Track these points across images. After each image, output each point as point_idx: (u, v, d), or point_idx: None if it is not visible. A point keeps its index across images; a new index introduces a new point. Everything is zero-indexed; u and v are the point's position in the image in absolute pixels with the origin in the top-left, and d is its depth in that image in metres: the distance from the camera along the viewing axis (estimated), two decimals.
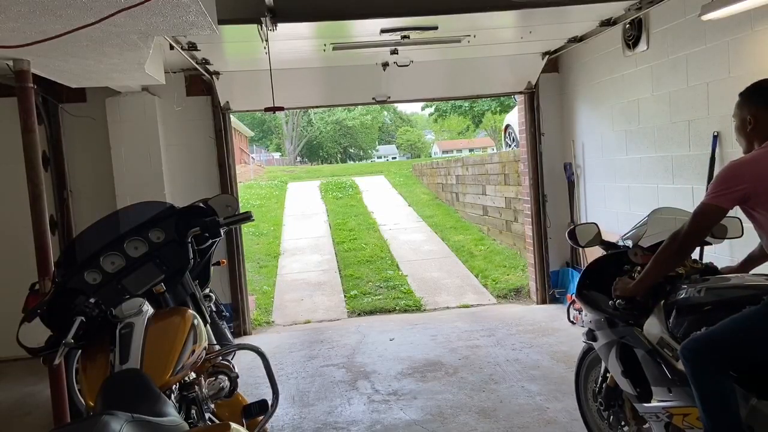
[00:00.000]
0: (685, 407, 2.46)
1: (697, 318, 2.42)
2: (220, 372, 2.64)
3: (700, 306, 2.45)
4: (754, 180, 2.28)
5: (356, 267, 9.76)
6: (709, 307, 2.41)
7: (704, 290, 2.47)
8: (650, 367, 2.61)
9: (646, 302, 2.67)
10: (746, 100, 2.53)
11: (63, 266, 2.83)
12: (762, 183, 2.27)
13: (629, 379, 2.75)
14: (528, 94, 6.67)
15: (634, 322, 2.70)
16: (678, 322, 2.48)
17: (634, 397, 2.76)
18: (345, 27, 4.80)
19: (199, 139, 6.23)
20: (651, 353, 2.59)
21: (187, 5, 2.74)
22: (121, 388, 2.00)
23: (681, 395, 2.47)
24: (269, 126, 48.50)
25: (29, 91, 3.55)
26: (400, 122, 55.00)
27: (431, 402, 4.29)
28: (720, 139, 4.25)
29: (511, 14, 4.68)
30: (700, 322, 2.40)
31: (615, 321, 2.81)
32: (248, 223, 3.26)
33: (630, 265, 2.83)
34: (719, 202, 2.32)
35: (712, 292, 2.44)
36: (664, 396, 2.56)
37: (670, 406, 2.53)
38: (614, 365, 2.85)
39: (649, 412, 2.67)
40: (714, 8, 3.73)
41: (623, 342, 2.77)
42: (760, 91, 2.51)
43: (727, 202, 2.32)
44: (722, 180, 2.35)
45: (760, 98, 2.48)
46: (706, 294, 2.45)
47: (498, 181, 10.39)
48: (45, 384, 3.92)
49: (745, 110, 2.51)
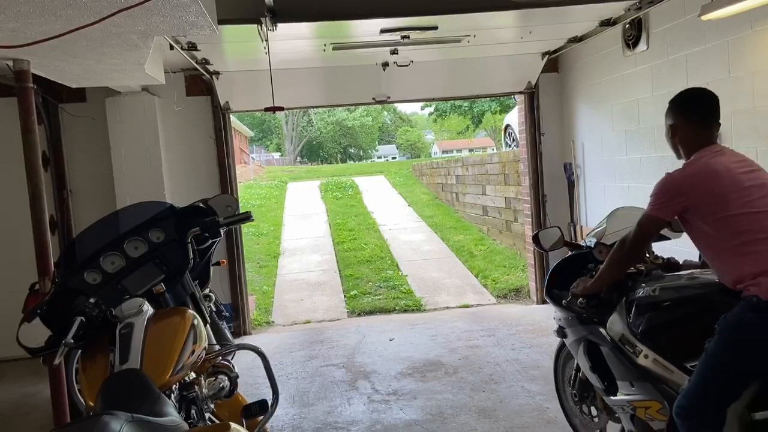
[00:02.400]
0: (646, 400, 2.56)
1: (654, 315, 2.54)
2: (220, 372, 2.64)
3: (656, 304, 2.56)
4: (697, 193, 2.37)
5: (356, 267, 9.76)
6: (665, 304, 2.53)
7: (659, 289, 2.58)
8: (614, 363, 2.71)
9: (610, 299, 2.77)
10: (670, 109, 2.64)
11: (63, 266, 2.83)
12: (705, 196, 2.35)
13: (597, 374, 2.85)
14: (528, 94, 6.67)
15: (599, 320, 2.81)
16: (637, 320, 2.60)
17: (602, 390, 2.86)
18: (345, 27, 4.80)
19: (199, 139, 6.23)
20: (614, 350, 2.69)
21: (187, 5, 2.74)
22: (121, 388, 2.00)
23: (642, 389, 2.57)
24: (269, 126, 48.50)
25: (29, 91, 3.55)
26: (400, 122, 54.98)
27: (431, 402, 4.29)
28: (720, 139, 4.23)
29: (511, 14, 4.68)
30: (656, 318, 2.53)
31: (582, 319, 2.91)
32: (248, 223, 3.26)
33: (594, 263, 2.97)
34: (660, 214, 2.44)
35: (666, 290, 2.56)
36: (627, 390, 2.67)
37: (633, 399, 2.64)
38: (583, 361, 2.96)
39: (616, 405, 2.79)
40: (714, 8, 3.73)
41: (589, 339, 2.88)
42: (683, 102, 2.62)
43: (668, 214, 2.43)
44: (663, 193, 2.44)
45: (681, 109, 2.62)
46: (661, 292, 2.56)
47: (498, 181, 10.38)
48: (45, 384, 3.92)
49: (669, 119, 2.63)
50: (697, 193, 2.36)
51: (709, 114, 2.58)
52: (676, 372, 2.43)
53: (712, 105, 2.61)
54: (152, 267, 2.68)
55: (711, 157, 2.45)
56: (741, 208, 2.30)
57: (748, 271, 2.25)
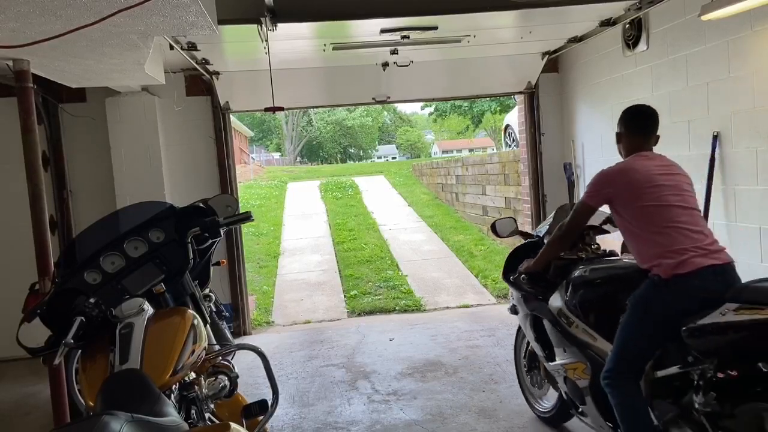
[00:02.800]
0: (575, 363, 3.10)
1: (584, 292, 3.05)
2: (220, 372, 2.64)
3: (586, 282, 3.06)
4: (619, 186, 2.83)
5: (356, 267, 9.76)
6: (593, 282, 3.05)
7: (589, 270, 3.10)
8: (553, 333, 3.25)
9: (555, 281, 3.25)
10: (619, 120, 3.07)
11: (63, 266, 2.83)
12: (624, 189, 2.81)
13: (540, 344, 3.44)
14: (528, 94, 6.67)
15: (543, 298, 3.32)
16: (572, 296, 3.09)
17: (543, 357, 3.43)
18: (345, 27, 4.80)
19: (199, 139, 6.23)
20: (553, 322, 3.22)
21: (187, 5, 2.74)
22: (121, 388, 1.99)
23: (572, 354, 3.11)
24: (269, 126, 48.50)
25: (29, 91, 3.55)
26: (400, 122, 54.98)
27: (431, 402, 4.29)
28: (720, 139, 4.25)
29: (511, 14, 4.68)
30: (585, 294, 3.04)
31: (529, 297, 3.46)
32: (248, 223, 3.26)
33: None
34: (590, 202, 2.92)
35: (595, 271, 3.09)
36: (561, 355, 3.23)
37: (565, 362, 3.19)
38: (529, 333, 3.54)
39: (553, 369, 3.33)
40: (714, 8, 3.74)
41: (535, 314, 3.43)
42: (628, 116, 3.04)
43: (596, 202, 2.92)
44: (595, 184, 2.92)
45: (626, 122, 3.03)
46: (591, 272, 3.08)
47: (498, 181, 10.38)
48: (45, 384, 3.92)
49: (617, 128, 3.08)
50: (618, 186, 2.83)
51: (647, 127, 3.00)
52: (599, 339, 2.92)
53: (652, 120, 3.01)
54: (152, 267, 2.68)
55: (637, 160, 2.91)
56: (652, 201, 2.75)
57: (653, 253, 2.69)
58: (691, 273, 2.59)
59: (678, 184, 2.86)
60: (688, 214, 2.77)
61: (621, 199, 2.83)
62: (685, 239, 2.68)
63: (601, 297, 3.02)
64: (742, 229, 4.14)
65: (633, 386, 2.68)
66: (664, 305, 2.61)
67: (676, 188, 2.82)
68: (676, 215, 2.73)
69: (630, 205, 2.81)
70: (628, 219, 2.82)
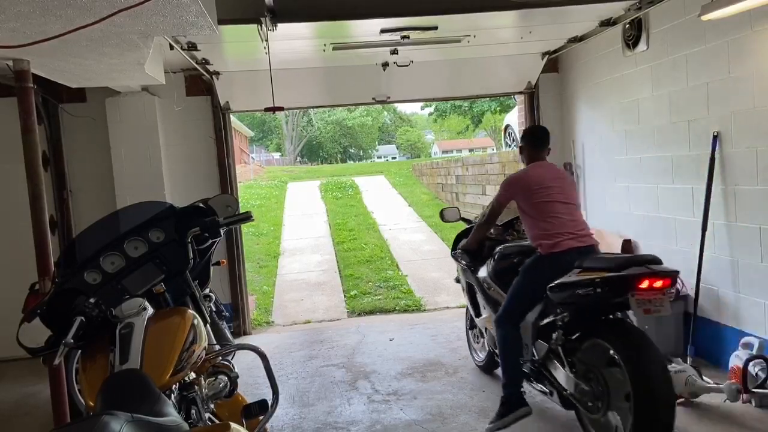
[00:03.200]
0: (489, 317, 4.16)
1: (498, 263, 4.14)
2: (220, 372, 2.63)
3: (501, 257, 4.14)
4: (518, 189, 3.83)
5: (356, 267, 9.76)
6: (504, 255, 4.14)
7: (504, 248, 4.18)
8: (479, 296, 4.36)
9: (486, 256, 4.30)
10: (521, 138, 4.12)
11: (63, 266, 2.82)
12: (521, 190, 3.80)
13: (472, 305, 4.58)
14: (528, 94, 6.67)
15: (475, 270, 4.40)
16: (492, 267, 4.18)
17: (473, 315, 4.56)
18: (345, 27, 4.80)
19: (199, 139, 6.23)
20: (480, 288, 4.32)
21: (187, 5, 2.74)
22: (121, 388, 1.99)
23: (488, 311, 4.20)
24: (269, 126, 48.51)
25: (29, 91, 3.55)
26: (400, 122, 54.97)
27: (431, 402, 4.29)
28: (720, 139, 4.25)
29: (511, 14, 4.68)
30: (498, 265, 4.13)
31: (466, 270, 4.54)
32: (248, 223, 3.26)
33: None
34: (500, 200, 3.93)
35: (507, 248, 4.18)
36: (483, 312, 4.35)
37: (485, 317, 4.30)
38: (466, 298, 4.71)
39: (480, 324, 4.52)
40: (714, 8, 3.73)
41: (469, 282, 4.55)
42: (528, 134, 4.09)
43: (503, 201, 3.92)
44: (502, 187, 3.92)
45: (526, 139, 4.04)
46: (504, 249, 4.17)
47: (498, 181, 10.36)
48: (45, 384, 3.92)
49: (521, 142, 4.07)
50: (517, 189, 3.83)
51: (541, 143, 3.97)
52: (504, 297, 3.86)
53: (544, 137, 3.99)
54: (152, 267, 2.68)
55: (532, 169, 3.88)
56: (540, 198, 3.70)
57: (538, 235, 3.69)
58: (562, 252, 3.55)
59: (561, 186, 3.78)
60: (566, 208, 3.71)
61: (519, 198, 3.81)
62: (561, 226, 3.62)
63: (508, 267, 3.99)
64: (742, 229, 4.14)
65: (512, 329, 3.70)
66: (542, 273, 3.54)
67: (559, 189, 3.75)
68: (557, 208, 3.68)
69: (526, 201, 3.77)
70: (525, 211, 3.80)
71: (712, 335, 4.47)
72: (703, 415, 3.75)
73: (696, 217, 4.50)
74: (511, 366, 3.70)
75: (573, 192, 3.88)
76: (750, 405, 3.77)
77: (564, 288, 3.34)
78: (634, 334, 3.17)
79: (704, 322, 4.53)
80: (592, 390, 3.26)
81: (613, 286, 3.12)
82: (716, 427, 3.61)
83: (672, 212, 4.87)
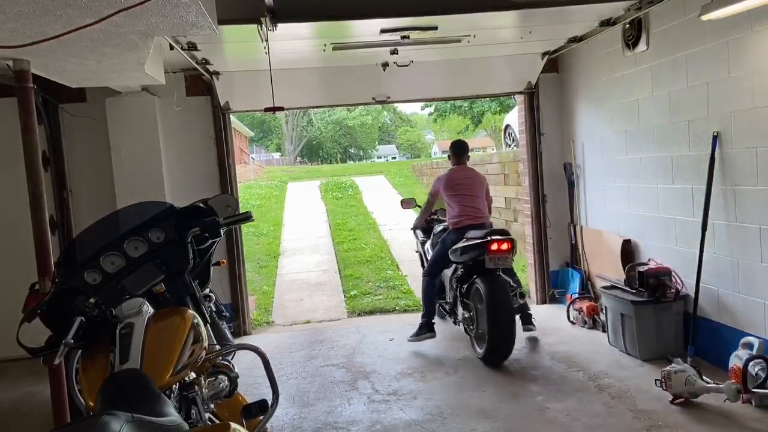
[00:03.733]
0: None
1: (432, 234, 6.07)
2: (220, 372, 2.63)
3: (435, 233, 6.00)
4: (441, 186, 5.63)
5: (356, 267, 9.76)
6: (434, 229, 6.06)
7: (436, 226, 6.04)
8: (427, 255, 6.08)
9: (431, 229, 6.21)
10: (449, 148, 5.96)
11: (63, 266, 2.82)
12: (443, 186, 5.60)
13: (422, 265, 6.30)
14: (528, 94, 6.67)
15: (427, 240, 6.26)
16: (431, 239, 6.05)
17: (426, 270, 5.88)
18: (345, 27, 4.80)
19: (199, 139, 6.23)
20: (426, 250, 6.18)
21: (187, 5, 2.74)
22: (121, 388, 1.99)
23: None
24: (269, 126, 48.51)
25: (29, 91, 3.55)
26: (400, 122, 54.97)
27: (431, 402, 4.29)
28: (720, 139, 4.25)
29: (511, 14, 4.68)
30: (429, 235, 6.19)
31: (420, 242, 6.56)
32: (248, 223, 3.26)
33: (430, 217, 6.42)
34: (431, 193, 5.90)
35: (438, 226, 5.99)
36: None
37: None
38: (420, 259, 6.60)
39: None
40: (714, 8, 3.74)
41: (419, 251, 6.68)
42: (453, 146, 5.88)
43: (434, 193, 5.79)
44: (433, 184, 5.82)
45: (452, 149, 5.86)
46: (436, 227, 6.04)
47: (498, 181, 10.37)
48: (45, 384, 3.91)
49: (449, 151, 5.93)
50: (440, 185, 5.63)
51: (461, 152, 5.77)
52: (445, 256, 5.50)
53: (464, 148, 5.83)
54: (152, 267, 2.67)
55: (452, 172, 5.67)
56: (454, 192, 5.52)
57: (450, 216, 5.51)
58: (461, 227, 5.33)
59: (470, 184, 5.55)
60: (470, 199, 5.47)
61: (442, 191, 5.63)
62: (463, 211, 5.42)
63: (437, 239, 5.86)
64: (742, 229, 4.14)
65: (431, 280, 5.63)
66: (450, 241, 5.31)
67: (468, 186, 5.53)
68: (464, 200, 5.47)
69: (445, 193, 5.60)
70: (445, 200, 5.63)
71: (712, 335, 4.47)
72: (703, 415, 3.75)
73: (696, 217, 4.50)
74: (428, 303, 5.62)
75: (479, 188, 5.61)
76: (750, 405, 3.77)
77: (455, 251, 5.17)
78: (496, 281, 4.90)
79: (704, 322, 4.53)
80: (471, 317, 5.14)
81: (477, 248, 4.94)
82: (716, 427, 3.61)
83: (672, 212, 4.88)
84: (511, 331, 4.77)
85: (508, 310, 4.78)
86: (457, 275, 5.29)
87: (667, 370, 3.95)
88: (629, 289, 4.94)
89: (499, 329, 4.73)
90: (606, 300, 5.17)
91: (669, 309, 4.69)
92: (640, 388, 4.21)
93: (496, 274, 4.93)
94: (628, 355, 4.85)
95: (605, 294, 5.16)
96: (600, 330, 5.51)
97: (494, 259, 4.82)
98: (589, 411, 3.95)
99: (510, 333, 4.76)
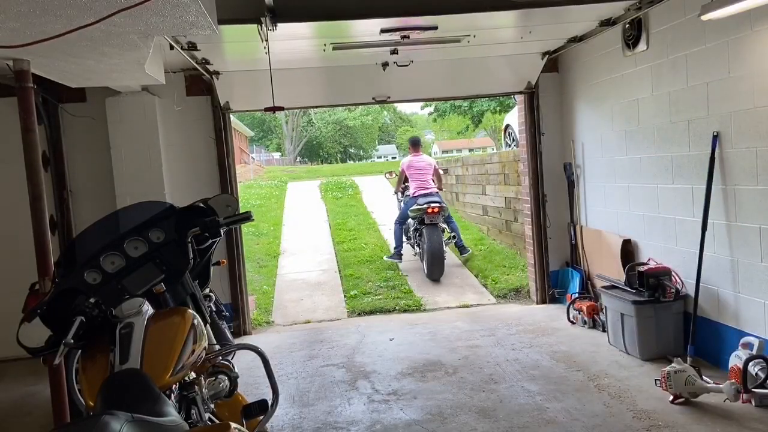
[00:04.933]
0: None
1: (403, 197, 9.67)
2: (220, 372, 2.63)
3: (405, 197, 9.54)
4: (405, 167, 9.27)
5: (356, 267, 9.75)
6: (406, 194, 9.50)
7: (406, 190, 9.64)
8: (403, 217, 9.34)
9: None
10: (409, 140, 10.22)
11: (63, 266, 2.82)
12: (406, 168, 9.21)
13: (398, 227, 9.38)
14: (528, 94, 6.67)
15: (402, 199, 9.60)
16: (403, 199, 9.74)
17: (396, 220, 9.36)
18: (345, 27, 4.80)
19: (199, 139, 6.23)
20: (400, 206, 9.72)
21: (187, 5, 2.74)
22: (121, 388, 1.99)
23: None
24: (269, 126, 48.51)
25: (29, 91, 3.55)
26: (400, 122, 54.98)
27: (431, 402, 4.29)
28: (720, 138, 4.25)
29: (511, 14, 4.68)
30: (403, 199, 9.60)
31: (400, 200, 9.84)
32: (248, 223, 3.26)
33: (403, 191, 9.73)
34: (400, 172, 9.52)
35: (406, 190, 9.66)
36: None
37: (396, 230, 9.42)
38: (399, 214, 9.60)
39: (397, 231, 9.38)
40: (714, 8, 3.74)
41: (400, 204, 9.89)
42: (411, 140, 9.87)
43: (402, 171, 9.40)
44: (401, 166, 9.47)
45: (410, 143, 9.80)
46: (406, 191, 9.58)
47: (498, 181, 10.38)
48: (45, 384, 3.92)
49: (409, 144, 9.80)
50: (404, 167, 9.26)
51: (416, 146, 9.44)
52: None
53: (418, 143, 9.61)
54: (152, 267, 2.67)
55: (410, 158, 9.25)
56: (411, 171, 9.08)
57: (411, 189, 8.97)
58: (416, 196, 8.67)
59: (422, 167, 8.99)
60: (422, 176, 8.90)
61: (405, 171, 9.09)
62: (417, 185, 8.83)
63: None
64: (742, 229, 4.14)
65: (400, 226, 9.09)
66: (409, 204, 8.68)
67: (419, 168, 8.97)
68: (417, 177, 8.90)
69: (407, 172, 9.04)
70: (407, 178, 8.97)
71: (712, 335, 4.47)
72: (703, 415, 3.76)
73: (696, 217, 4.50)
74: (397, 241, 9.02)
75: (429, 168, 9.03)
76: (750, 405, 3.78)
77: (412, 211, 8.46)
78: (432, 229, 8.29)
79: (704, 322, 4.53)
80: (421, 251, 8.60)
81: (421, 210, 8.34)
82: (716, 427, 3.61)
83: (672, 212, 4.88)
84: (440, 258, 8.21)
85: (438, 245, 8.22)
86: (414, 226, 8.80)
87: (667, 369, 3.95)
88: (629, 288, 4.94)
89: (432, 257, 8.19)
90: (606, 300, 5.17)
91: (669, 309, 4.69)
92: (640, 388, 4.22)
93: (434, 225, 8.33)
94: (628, 354, 4.86)
95: (605, 294, 5.17)
96: (600, 330, 5.51)
97: (430, 216, 8.30)
98: (588, 411, 3.95)
99: (439, 259, 8.20)
